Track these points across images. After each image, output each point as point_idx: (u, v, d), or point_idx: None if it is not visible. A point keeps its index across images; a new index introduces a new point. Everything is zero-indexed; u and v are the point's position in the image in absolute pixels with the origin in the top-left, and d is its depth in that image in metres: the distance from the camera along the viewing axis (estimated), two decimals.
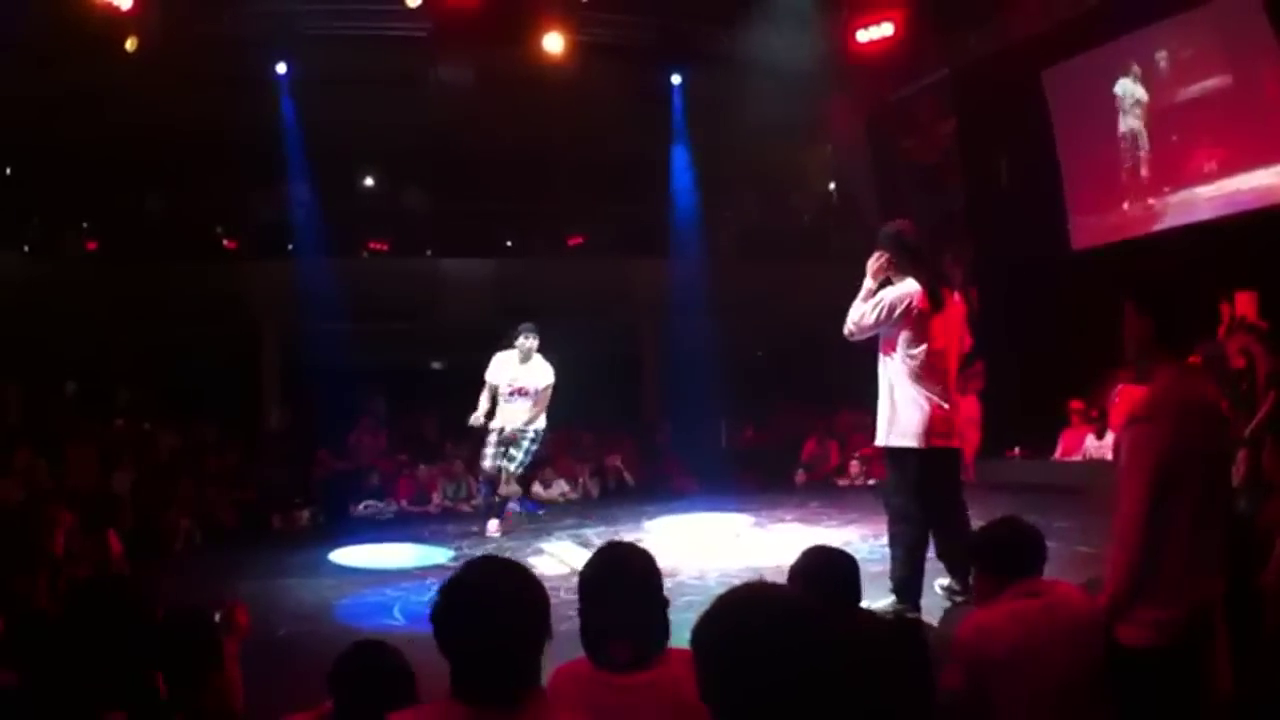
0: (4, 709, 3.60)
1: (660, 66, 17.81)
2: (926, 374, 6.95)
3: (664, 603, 3.20)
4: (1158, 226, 14.17)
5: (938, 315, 6.98)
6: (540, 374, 11.87)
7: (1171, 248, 13.31)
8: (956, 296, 7.33)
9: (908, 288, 6.97)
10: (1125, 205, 14.70)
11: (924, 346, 6.94)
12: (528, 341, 11.76)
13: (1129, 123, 14.31)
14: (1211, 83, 13.31)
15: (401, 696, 3.41)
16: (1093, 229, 15.04)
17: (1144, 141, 14.25)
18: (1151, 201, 14.35)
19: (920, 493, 6.96)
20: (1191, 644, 3.72)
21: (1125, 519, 3.78)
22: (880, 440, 7.21)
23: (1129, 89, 14.21)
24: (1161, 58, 13.82)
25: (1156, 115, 14.12)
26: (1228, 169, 13.34)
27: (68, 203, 17.19)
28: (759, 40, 15.29)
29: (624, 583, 3.22)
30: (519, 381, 11.83)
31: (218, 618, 4.88)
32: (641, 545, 3.48)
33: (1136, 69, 14.04)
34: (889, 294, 6.99)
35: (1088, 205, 15.18)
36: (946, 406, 6.99)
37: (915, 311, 6.91)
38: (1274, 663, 4.19)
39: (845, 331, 7.10)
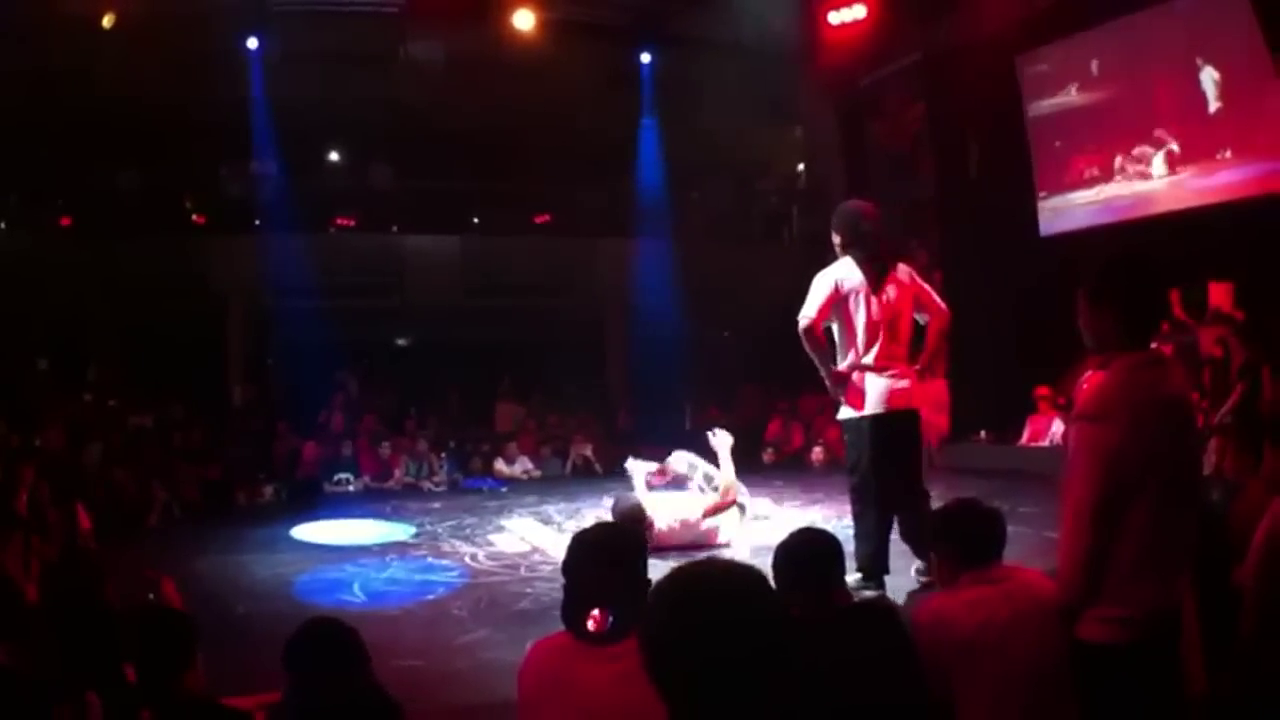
0: None
1: (631, 46, 17.77)
2: (866, 348, 7.11)
3: (645, 580, 3.21)
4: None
5: (878, 294, 7.14)
6: None
7: (1140, 238, 13.29)
8: (905, 277, 7.38)
9: (839, 270, 7.16)
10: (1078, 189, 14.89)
11: (862, 322, 7.10)
12: None
13: None
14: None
15: (355, 673, 3.42)
16: (1059, 215, 15.10)
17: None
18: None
19: (875, 463, 7.05)
20: (1154, 642, 3.55)
21: (1074, 520, 3.60)
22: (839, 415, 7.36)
23: None
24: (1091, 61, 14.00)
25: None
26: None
27: (43, 178, 17.02)
28: (731, 21, 15.25)
29: (602, 557, 3.30)
30: None
31: (151, 596, 4.85)
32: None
33: None
34: (821, 280, 7.15)
35: (1054, 191, 15.23)
36: (892, 376, 7.16)
37: (847, 291, 7.10)
38: (1251, 661, 4.10)
39: (800, 329, 7.14)
